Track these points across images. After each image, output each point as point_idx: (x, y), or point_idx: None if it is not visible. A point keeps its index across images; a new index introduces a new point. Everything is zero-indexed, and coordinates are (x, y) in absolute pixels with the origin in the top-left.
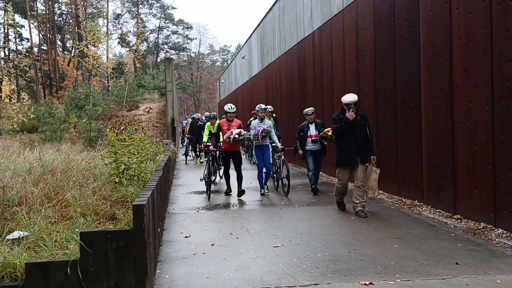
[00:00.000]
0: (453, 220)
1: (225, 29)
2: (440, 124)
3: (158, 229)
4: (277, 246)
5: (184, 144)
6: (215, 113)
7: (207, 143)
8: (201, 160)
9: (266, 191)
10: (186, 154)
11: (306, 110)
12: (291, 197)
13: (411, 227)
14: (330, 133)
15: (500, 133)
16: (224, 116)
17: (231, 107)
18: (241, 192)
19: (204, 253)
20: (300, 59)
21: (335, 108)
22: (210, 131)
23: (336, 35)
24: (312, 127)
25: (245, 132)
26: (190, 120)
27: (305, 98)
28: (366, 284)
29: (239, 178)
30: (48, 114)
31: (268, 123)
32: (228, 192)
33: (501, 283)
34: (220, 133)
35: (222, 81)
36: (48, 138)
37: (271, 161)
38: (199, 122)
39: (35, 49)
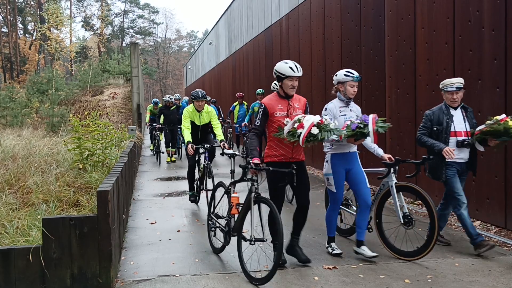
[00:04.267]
0: (414, 205)
1: (192, 14)
2: (403, 111)
3: (123, 216)
4: (243, 232)
5: (156, 140)
6: (205, 92)
7: (197, 147)
8: (173, 159)
9: (365, 252)
10: (157, 152)
11: (448, 81)
12: None
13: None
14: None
15: None
16: (240, 95)
17: (297, 67)
18: (305, 260)
19: (169, 239)
20: (268, 45)
21: (301, 95)
22: (193, 123)
23: (304, 22)
24: (458, 115)
25: (330, 121)
26: (151, 105)
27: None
28: (330, 268)
29: (301, 221)
30: (8, 98)
31: (357, 109)
32: (283, 263)
33: (459, 266)
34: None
35: (189, 67)
36: (8, 123)
37: (368, 186)
38: (171, 104)
39: None
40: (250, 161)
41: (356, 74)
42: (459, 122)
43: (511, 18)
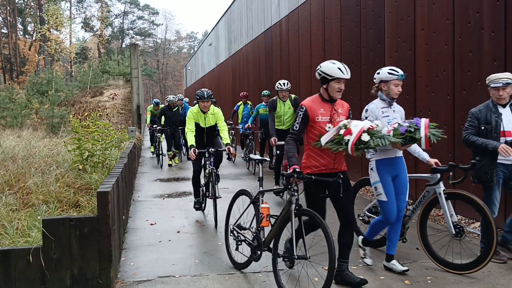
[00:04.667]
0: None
1: (192, 15)
2: None
3: (123, 217)
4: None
5: (157, 143)
6: (211, 92)
7: (201, 151)
8: (176, 161)
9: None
10: (158, 154)
11: (494, 77)
12: None
13: None
14: None
15: (460, 122)
16: (244, 94)
17: (345, 69)
18: (361, 283)
19: (169, 240)
20: (268, 47)
21: (302, 96)
22: (198, 125)
23: (303, 24)
24: (507, 113)
25: (382, 127)
26: (152, 105)
27: (272, 87)
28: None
29: (349, 240)
30: (8, 99)
31: (400, 110)
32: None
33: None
34: (305, 134)
35: (189, 68)
36: (8, 124)
37: (406, 199)
38: (174, 105)
39: None
40: (296, 169)
41: (400, 72)
42: (508, 122)
43: (510, 19)
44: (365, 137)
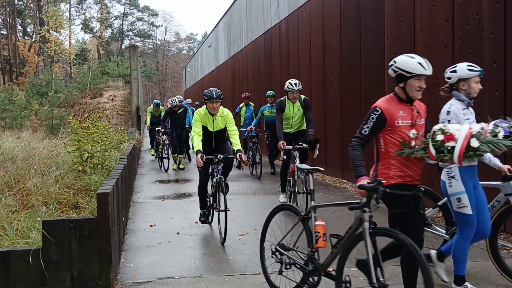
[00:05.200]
0: None
1: (191, 17)
2: None
3: (123, 218)
4: (242, 234)
5: (160, 145)
6: (220, 92)
7: (209, 158)
8: (181, 166)
9: None
10: (161, 157)
11: None
12: None
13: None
14: None
15: None
16: (246, 95)
17: (427, 64)
18: None
19: (169, 241)
20: (267, 48)
21: None
22: (205, 129)
23: (303, 25)
24: None
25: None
26: (152, 107)
27: (271, 88)
28: (330, 271)
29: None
30: (8, 100)
31: (472, 111)
32: None
33: None
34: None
35: (188, 69)
36: (8, 125)
37: (489, 211)
38: (177, 108)
39: None
40: (381, 180)
41: (479, 67)
42: None
43: (510, 21)
44: (475, 143)
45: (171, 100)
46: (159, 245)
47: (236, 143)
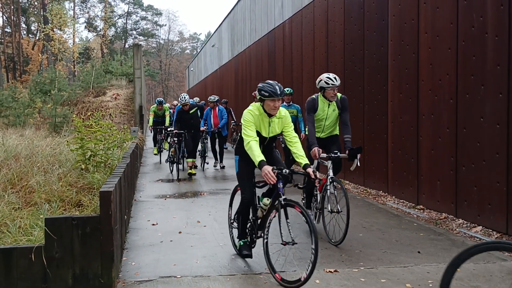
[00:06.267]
0: (416, 210)
1: (195, 16)
2: (405, 116)
3: (125, 217)
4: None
5: (172, 149)
6: (282, 87)
7: (278, 172)
8: (193, 172)
9: None
10: (172, 161)
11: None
12: None
13: (375, 216)
14: None
15: (463, 126)
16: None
17: None
18: None
19: (171, 240)
20: (271, 49)
21: (304, 99)
22: (258, 134)
23: (307, 26)
24: None
25: None
26: (155, 105)
27: None
28: (331, 272)
29: None
30: (11, 98)
31: None
32: None
33: (460, 271)
34: None
35: (192, 69)
36: (11, 123)
37: None
38: (187, 108)
39: None
40: None
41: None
42: None
43: None
44: None
45: (181, 99)
46: (161, 244)
47: (301, 154)
